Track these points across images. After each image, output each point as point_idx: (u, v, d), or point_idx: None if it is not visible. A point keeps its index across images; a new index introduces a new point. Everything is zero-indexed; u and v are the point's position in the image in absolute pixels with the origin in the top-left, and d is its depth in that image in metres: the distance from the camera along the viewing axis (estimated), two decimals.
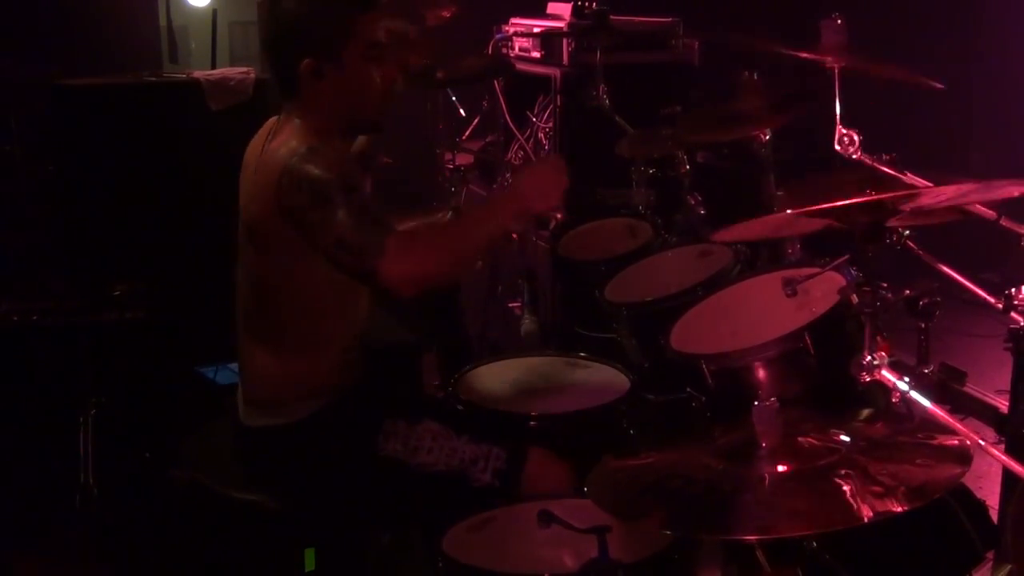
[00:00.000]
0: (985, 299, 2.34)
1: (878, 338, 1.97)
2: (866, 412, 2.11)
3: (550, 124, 4.85)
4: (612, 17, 4.46)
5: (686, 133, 3.49)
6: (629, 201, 3.69)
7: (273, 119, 2.57)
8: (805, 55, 2.56)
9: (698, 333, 2.63)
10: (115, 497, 3.35)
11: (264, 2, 6.38)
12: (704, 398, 2.59)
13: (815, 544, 2.12)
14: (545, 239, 4.42)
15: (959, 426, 1.90)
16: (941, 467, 1.81)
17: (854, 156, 2.51)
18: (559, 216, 2.57)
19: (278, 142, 2.44)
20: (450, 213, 3.43)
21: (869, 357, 1.96)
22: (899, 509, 1.69)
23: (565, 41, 4.70)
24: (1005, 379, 2.35)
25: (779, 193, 3.16)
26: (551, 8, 5.00)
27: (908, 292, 2.26)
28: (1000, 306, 2.28)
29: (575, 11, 4.72)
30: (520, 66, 4.93)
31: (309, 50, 2.40)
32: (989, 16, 5.49)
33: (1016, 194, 2.07)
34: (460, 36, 5.22)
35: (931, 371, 2.44)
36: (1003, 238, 2.41)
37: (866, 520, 1.68)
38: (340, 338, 2.54)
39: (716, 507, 1.83)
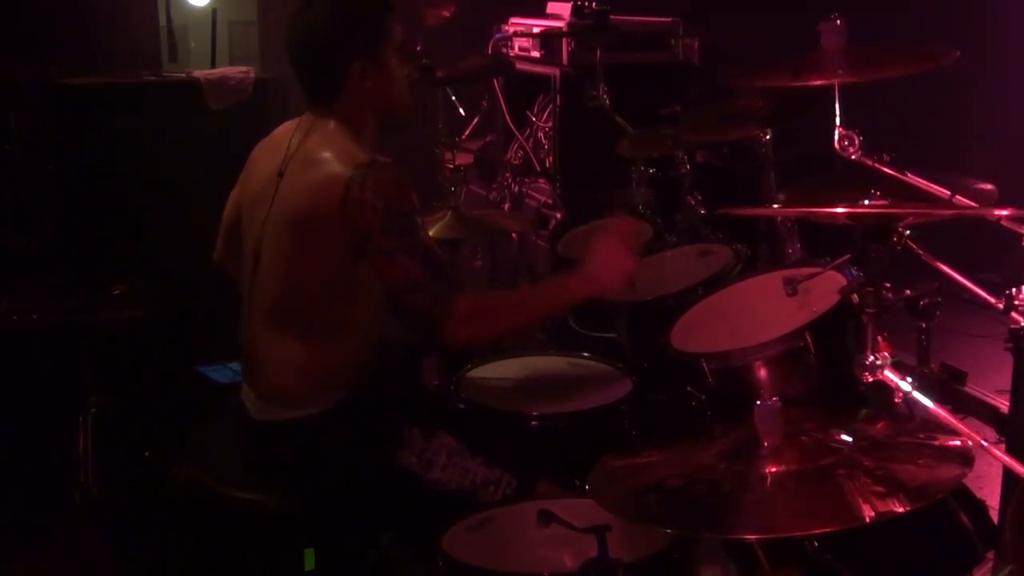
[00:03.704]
0: (985, 299, 2.34)
1: (879, 338, 1.97)
2: (867, 412, 2.11)
3: (550, 124, 4.85)
4: (612, 17, 4.46)
5: (686, 133, 3.49)
6: (629, 201, 3.69)
7: (293, 121, 2.59)
8: (803, 83, 2.56)
9: (699, 332, 2.63)
10: (115, 497, 3.35)
11: (264, 2, 6.40)
12: (705, 397, 2.59)
13: (815, 544, 2.12)
14: (545, 239, 4.42)
15: (960, 426, 1.90)
16: (943, 467, 1.81)
17: (854, 156, 2.51)
18: (559, 215, 2.59)
19: (318, 142, 2.48)
20: (449, 213, 3.44)
21: (872, 357, 1.96)
22: (900, 510, 1.69)
23: (565, 41, 4.70)
24: (1005, 379, 2.35)
25: (779, 194, 3.17)
26: (551, 8, 5.00)
27: (908, 292, 2.26)
28: (1000, 306, 2.27)
29: (575, 11, 4.72)
30: (520, 66, 4.93)
31: (357, 53, 2.48)
32: (989, 15, 5.49)
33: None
34: (460, 36, 5.22)
35: (932, 371, 2.44)
36: (1003, 238, 2.40)
37: (867, 520, 1.68)
38: (368, 325, 2.55)
39: (717, 506, 1.83)
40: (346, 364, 2.52)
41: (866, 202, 2.12)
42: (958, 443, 1.87)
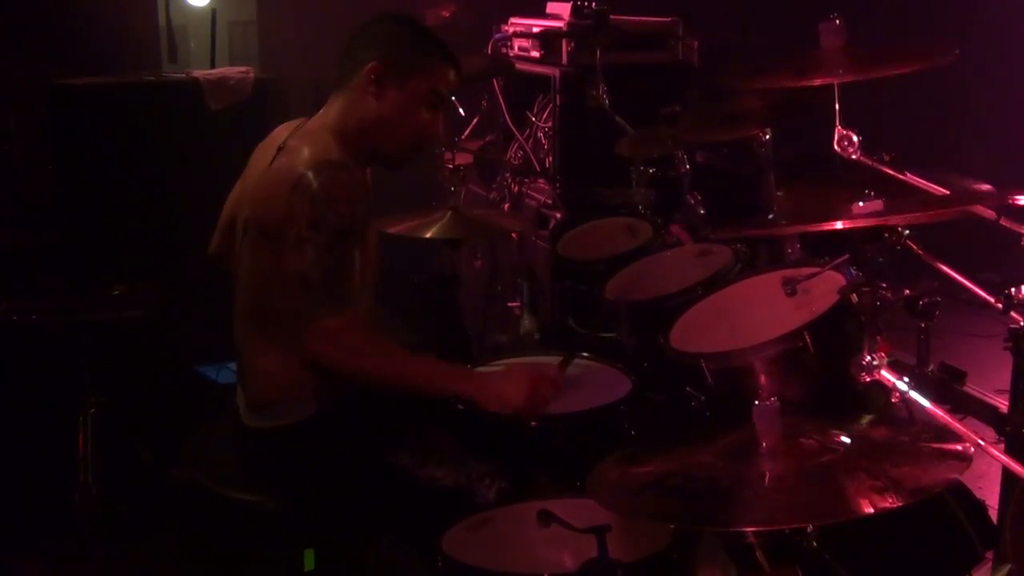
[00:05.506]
0: (985, 299, 2.34)
1: (878, 338, 1.97)
2: (868, 419, 2.11)
3: (549, 124, 4.85)
4: (612, 17, 4.45)
5: (686, 133, 3.49)
6: (629, 201, 3.69)
7: (289, 123, 2.59)
8: (803, 83, 2.57)
9: (698, 332, 2.62)
10: (115, 497, 3.35)
11: (264, 2, 6.40)
12: (704, 397, 2.59)
13: (815, 544, 2.12)
14: (545, 239, 4.42)
15: (959, 426, 1.90)
16: (941, 467, 1.81)
17: (853, 156, 2.51)
18: (559, 215, 2.57)
19: (299, 140, 2.48)
20: (449, 213, 3.44)
21: (869, 357, 1.96)
22: (899, 504, 1.69)
23: (564, 41, 4.70)
24: (1005, 379, 2.35)
25: (779, 193, 3.17)
26: (550, 8, 4.99)
27: (908, 292, 2.26)
28: (1000, 306, 2.28)
29: (574, 11, 4.72)
30: (519, 66, 4.93)
31: (383, 54, 2.49)
32: (988, 14, 5.50)
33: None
34: (460, 36, 5.22)
35: (931, 371, 2.45)
36: (1003, 238, 2.41)
37: (866, 514, 1.68)
38: None
39: (715, 502, 1.83)
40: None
41: (860, 203, 2.12)
42: (956, 443, 1.87)
